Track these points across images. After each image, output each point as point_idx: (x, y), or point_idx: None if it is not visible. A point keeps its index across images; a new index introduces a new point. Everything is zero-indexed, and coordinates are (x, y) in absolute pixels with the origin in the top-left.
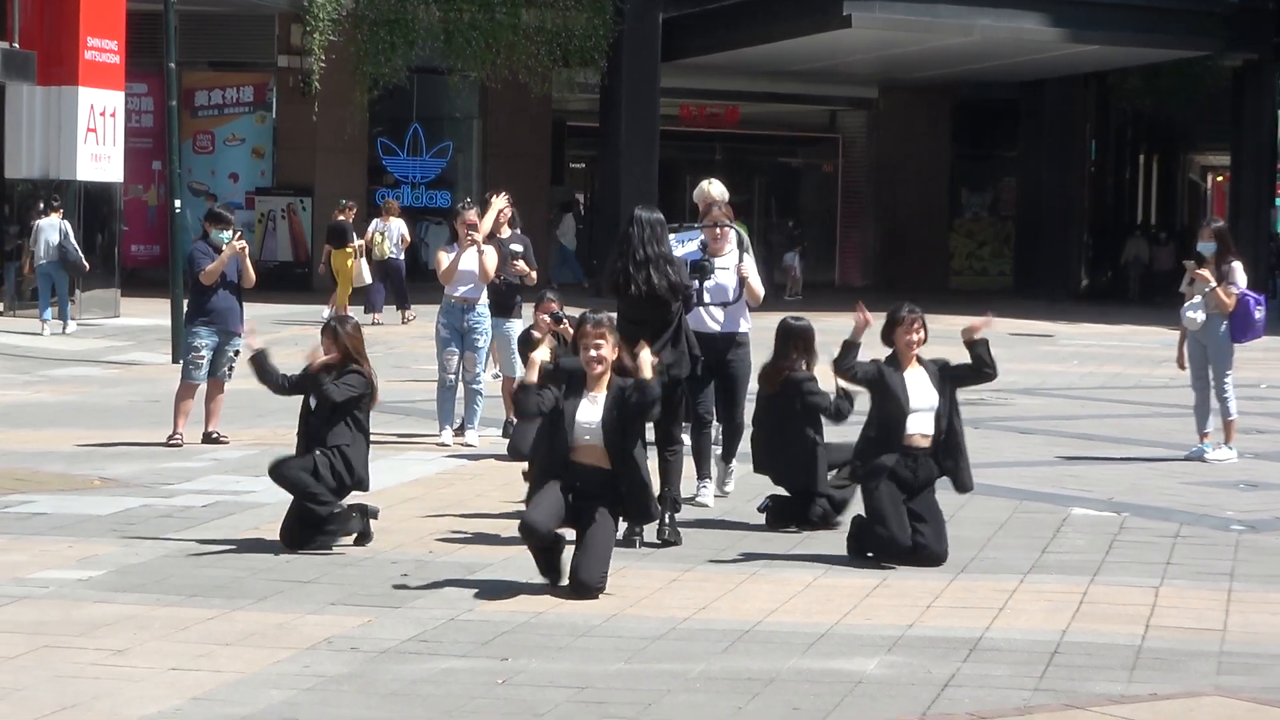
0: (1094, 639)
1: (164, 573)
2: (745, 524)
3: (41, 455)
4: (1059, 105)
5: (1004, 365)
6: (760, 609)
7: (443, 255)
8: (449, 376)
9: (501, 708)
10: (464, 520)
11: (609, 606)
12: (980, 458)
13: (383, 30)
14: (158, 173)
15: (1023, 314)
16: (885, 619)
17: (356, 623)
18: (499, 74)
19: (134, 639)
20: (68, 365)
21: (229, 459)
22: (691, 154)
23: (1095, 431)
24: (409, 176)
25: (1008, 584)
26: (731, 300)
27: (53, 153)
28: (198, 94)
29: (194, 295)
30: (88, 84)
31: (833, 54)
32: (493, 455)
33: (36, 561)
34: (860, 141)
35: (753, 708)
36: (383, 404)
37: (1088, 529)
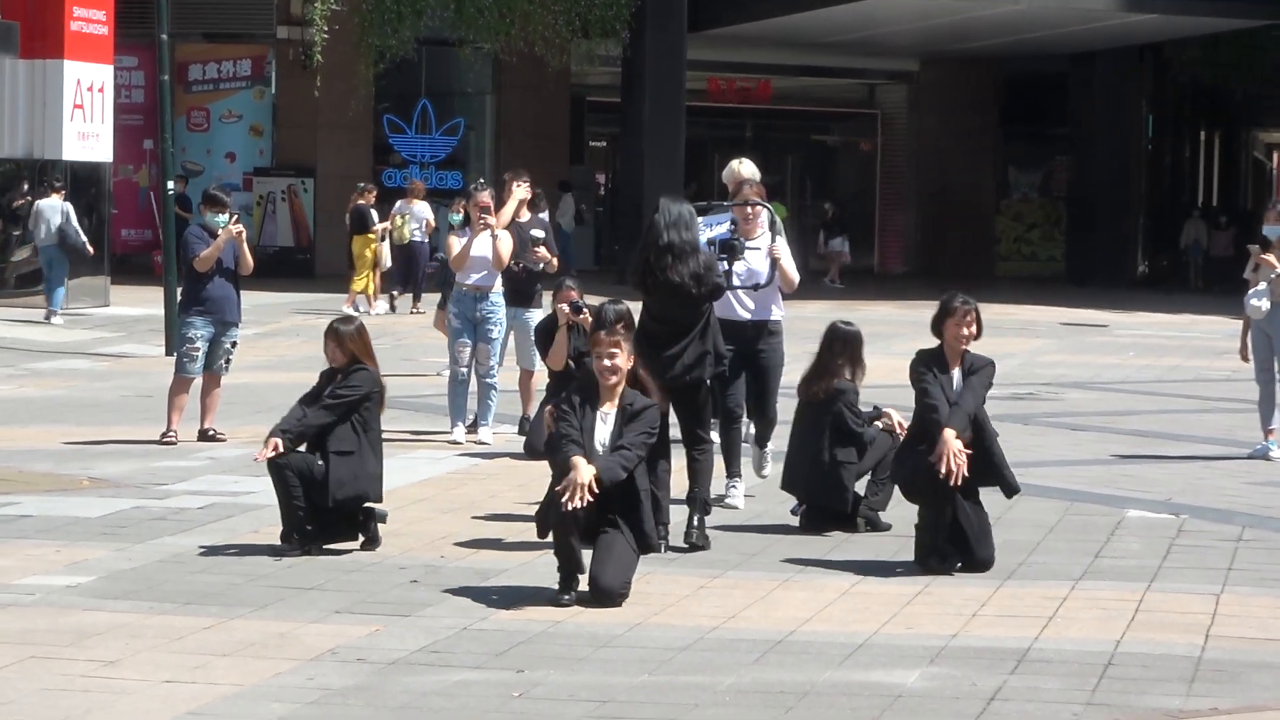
0: (1150, 649)
1: (158, 579)
2: (777, 527)
3: (27, 453)
4: (1112, 79)
5: (1055, 357)
6: (794, 617)
7: (454, 240)
8: (461, 369)
9: None
10: (477, 523)
11: (632, 615)
12: (1030, 456)
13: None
14: (149, 152)
15: (1075, 302)
16: (927, 628)
17: (363, 632)
18: (514, 46)
19: (126, 649)
20: (54, 358)
21: (226, 458)
22: (720, 131)
23: (1152, 428)
24: (417, 156)
25: (1058, 591)
26: (763, 283)
27: (37, 131)
28: (191, 68)
29: (188, 283)
30: (74, 57)
31: (870, 24)
32: (508, 454)
33: (22, 567)
34: (900, 118)
35: None
36: (391, 399)
37: (1144, 532)
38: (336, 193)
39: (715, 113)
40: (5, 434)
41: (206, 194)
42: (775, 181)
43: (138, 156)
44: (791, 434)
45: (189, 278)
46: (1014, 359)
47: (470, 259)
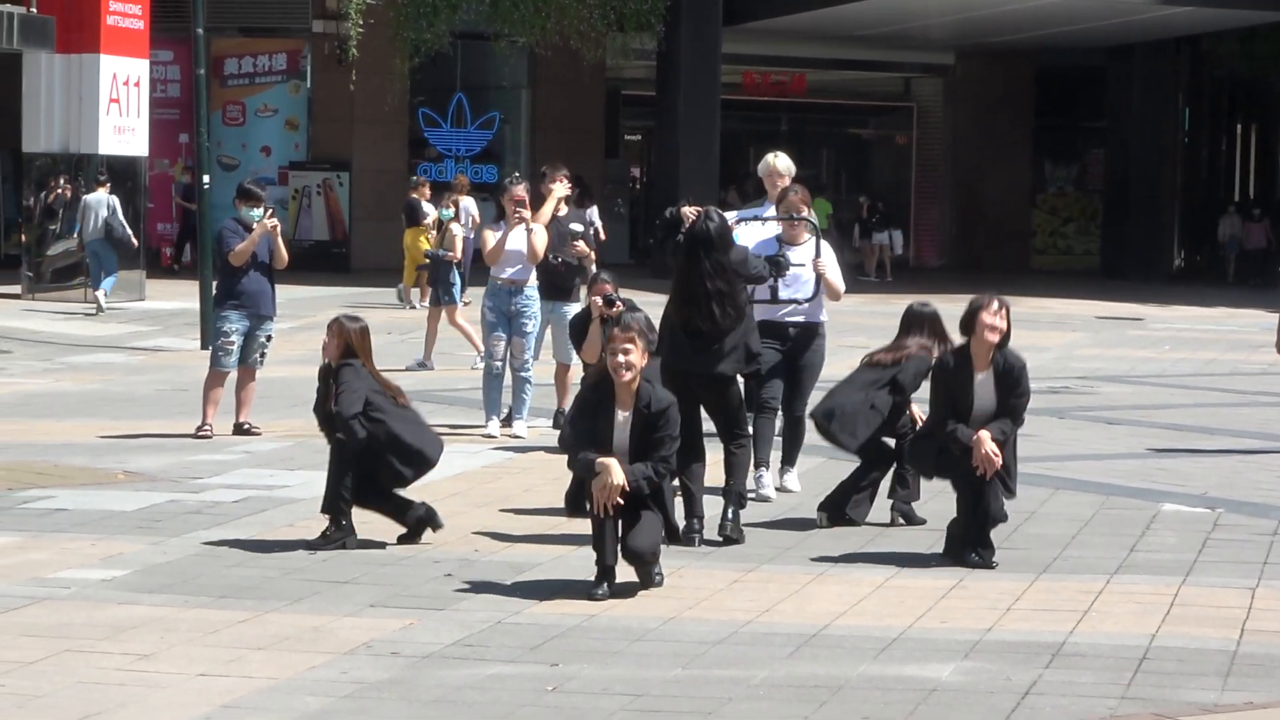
0: (1186, 644)
1: (192, 572)
2: (812, 521)
3: (63, 447)
4: (1148, 72)
5: (1090, 351)
6: (828, 611)
7: (489, 234)
8: (496, 363)
9: (551, 716)
10: (511, 517)
11: (666, 609)
12: (1064, 449)
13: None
14: (185, 146)
15: (1110, 296)
16: (962, 622)
17: (397, 626)
18: (549, 39)
19: (160, 643)
20: (90, 352)
21: (261, 451)
22: (755, 125)
23: (1187, 422)
24: (452, 150)
25: (1093, 585)
26: (810, 296)
27: (73, 125)
28: (227, 62)
29: (223, 277)
30: (110, 51)
31: (906, 17)
32: (542, 448)
33: (58, 560)
34: (936, 111)
35: (820, 717)
36: (426, 393)
37: (1179, 526)
38: (371, 186)
39: (750, 106)
40: (41, 428)
41: (241, 188)
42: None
43: (173, 151)
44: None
45: (224, 272)
46: (1049, 353)
47: (505, 253)
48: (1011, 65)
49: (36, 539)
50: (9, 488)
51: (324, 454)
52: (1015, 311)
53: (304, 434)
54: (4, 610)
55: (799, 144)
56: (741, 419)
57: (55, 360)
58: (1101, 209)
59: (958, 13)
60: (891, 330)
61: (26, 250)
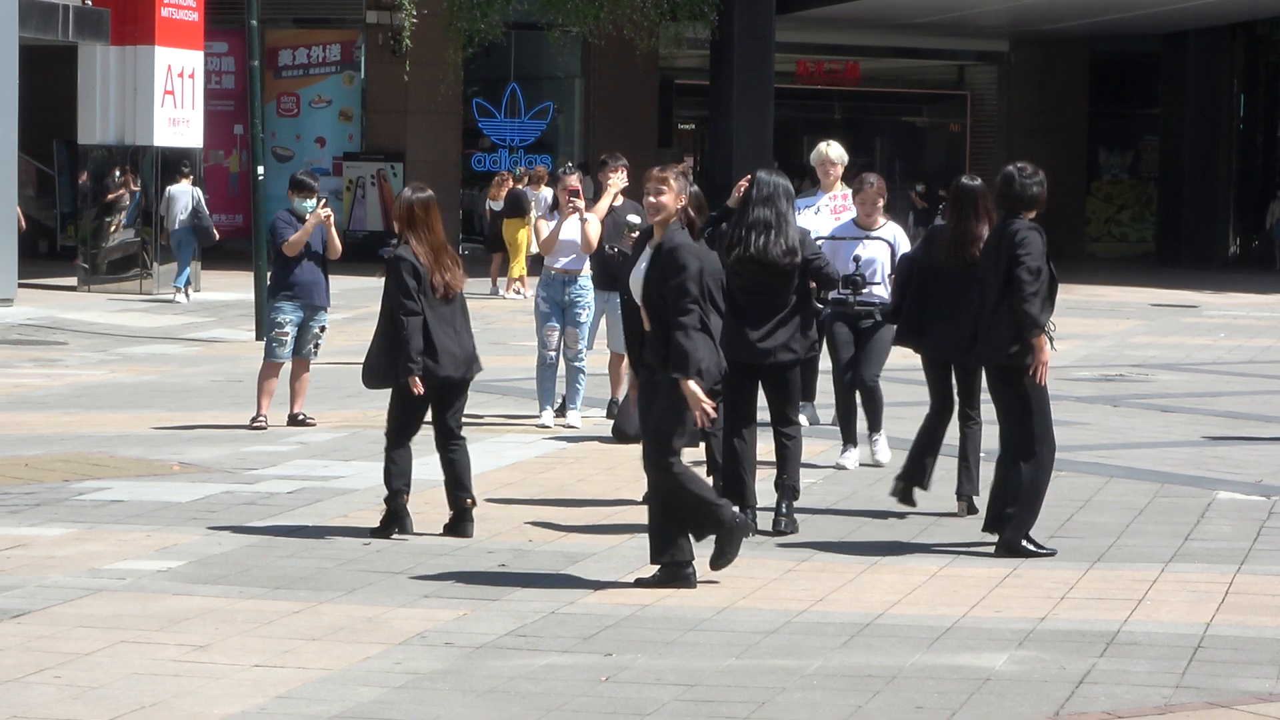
0: (1241, 632)
1: (247, 564)
2: (865, 510)
3: (118, 439)
4: (1203, 58)
5: (1145, 338)
6: (881, 600)
7: (543, 224)
8: (549, 353)
9: (605, 706)
10: (565, 507)
11: (719, 598)
12: (1120, 438)
13: None
14: (239, 137)
15: (1165, 283)
16: (1015, 611)
17: (451, 616)
18: (602, 29)
19: (216, 634)
20: (146, 343)
21: (316, 442)
22: (809, 113)
23: (1243, 409)
24: (506, 140)
25: (1148, 574)
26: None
27: (128, 117)
28: (281, 53)
29: (277, 268)
30: (165, 43)
31: (960, 4)
32: (596, 437)
33: (113, 552)
34: (990, 99)
35: (873, 706)
36: (481, 383)
37: (1234, 514)
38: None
39: (804, 95)
40: (97, 419)
41: (294, 179)
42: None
43: (228, 142)
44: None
45: (278, 263)
46: (1104, 340)
47: (559, 243)
48: (1065, 52)
49: (92, 530)
50: (65, 479)
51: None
52: (1069, 299)
53: (359, 424)
54: (61, 601)
55: (853, 132)
56: (796, 406)
57: (111, 351)
58: (1156, 196)
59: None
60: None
61: (82, 241)
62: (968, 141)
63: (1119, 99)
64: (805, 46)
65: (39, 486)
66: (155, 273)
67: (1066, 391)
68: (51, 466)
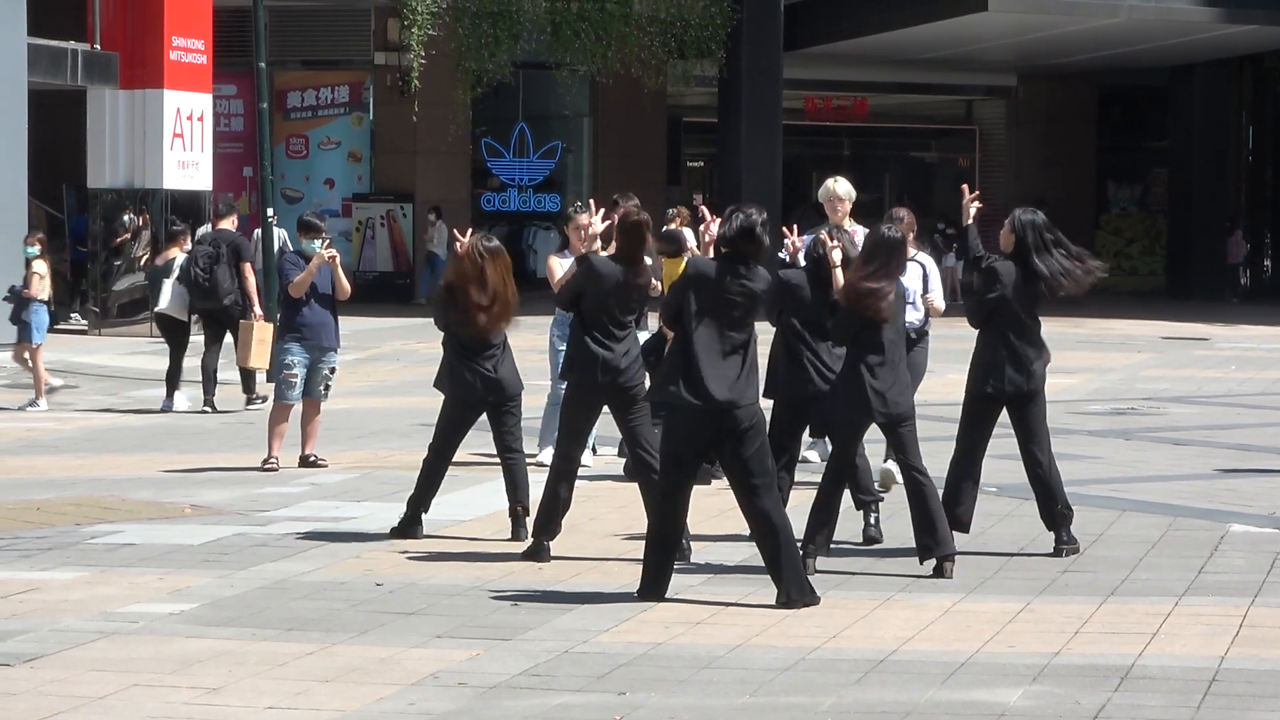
0: (1255, 665)
1: (259, 605)
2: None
3: (129, 481)
4: (1211, 91)
5: (1156, 371)
6: (895, 637)
7: (555, 262)
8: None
9: None
10: (577, 545)
11: (733, 636)
12: (1131, 471)
13: (485, 23)
14: (249, 179)
15: (1176, 316)
16: (1029, 646)
17: (464, 656)
18: (610, 68)
19: (229, 676)
20: (156, 385)
21: (327, 483)
22: (817, 149)
23: (1255, 442)
24: (515, 179)
25: (1161, 607)
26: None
27: (138, 160)
28: (290, 95)
29: (285, 309)
30: (173, 86)
31: (967, 39)
32: (609, 476)
33: (126, 595)
34: (998, 133)
35: None
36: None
37: (1247, 547)
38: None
39: (812, 131)
40: (108, 462)
41: (301, 220)
42: (873, 199)
43: (237, 184)
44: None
45: (285, 304)
46: (1114, 374)
47: None
48: (1073, 86)
49: (104, 574)
50: (76, 523)
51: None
52: (1080, 332)
53: (370, 465)
54: (73, 645)
55: (861, 168)
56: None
57: (121, 394)
58: (1166, 229)
59: (1019, 35)
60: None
61: (92, 285)
62: (976, 176)
63: (1127, 132)
64: (813, 83)
65: (51, 530)
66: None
67: (1078, 425)
68: (63, 510)
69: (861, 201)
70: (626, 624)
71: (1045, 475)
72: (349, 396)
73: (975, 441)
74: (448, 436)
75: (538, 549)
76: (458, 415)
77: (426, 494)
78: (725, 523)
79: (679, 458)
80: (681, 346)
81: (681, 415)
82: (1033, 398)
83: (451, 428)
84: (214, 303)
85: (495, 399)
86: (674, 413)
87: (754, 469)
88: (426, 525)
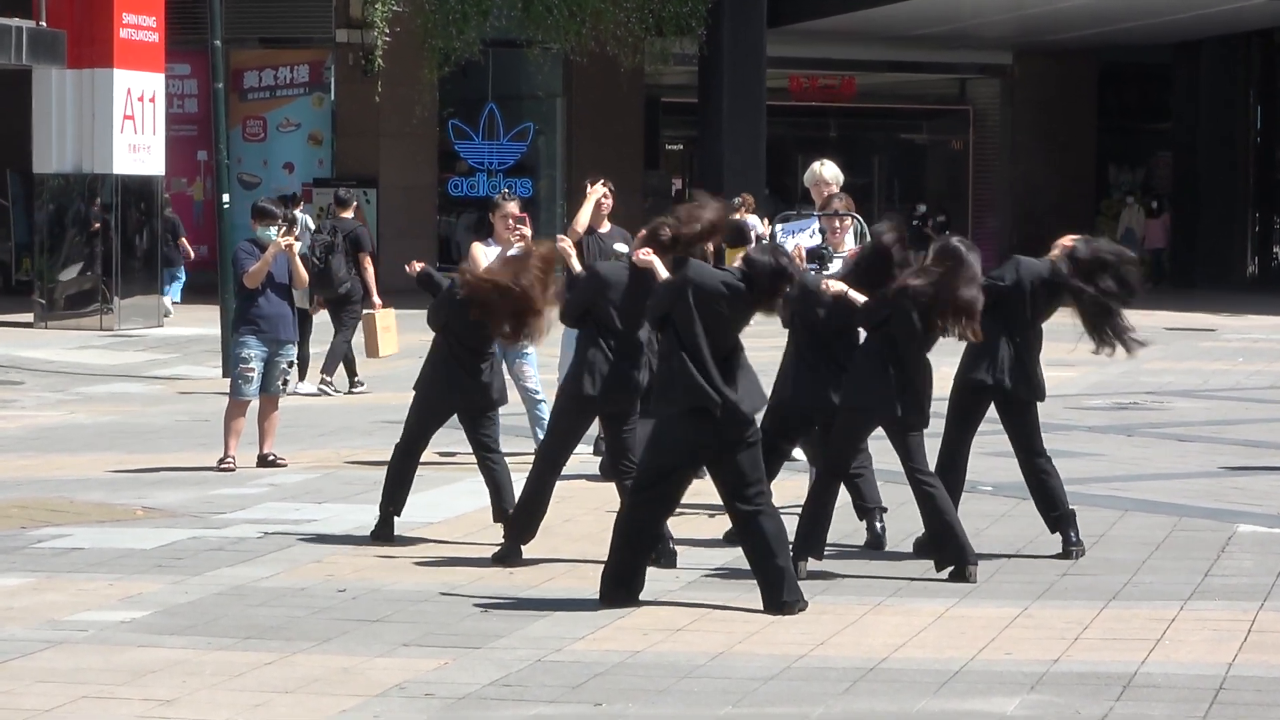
0: (1264, 673)
1: (215, 613)
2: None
3: (78, 483)
4: (1217, 69)
5: (1160, 364)
6: (885, 644)
7: (478, 250)
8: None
9: None
10: (551, 548)
11: (714, 644)
12: (1133, 469)
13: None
14: (203, 164)
15: (1181, 306)
16: (1027, 653)
17: (432, 666)
18: (584, 46)
19: (183, 687)
20: (106, 381)
21: (287, 484)
22: (803, 131)
23: (1264, 438)
24: (484, 163)
25: (1166, 612)
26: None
27: (86, 144)
28: (247, 75)
29: (240, 300)
30: (124, 66)
31: (960, 15)
32: (582, 475)
33: (74, 602)
34: (994, 114)
35: None
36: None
37: (1256, 548)
38: (400, 203)
39: (797, 112)
40: (56, 462)
41: (256, 207)
42: (862, 183)
43: (191, 169)
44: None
45: (240, 295)
46: (1116, 367)
47: None
48: (1072, 64)
49: (51, 579)
50: (22, 526)
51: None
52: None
53: (331, 465)
54: (19, 655)
55: (849, 151)
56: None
57: (69, 391)
58: (1170, 214)
59: (1015, 10)
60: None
61: (39, 275)
62: (970, 159)
63: (1129, 113)
64: (798, 61)
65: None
66: (116, 308)
67: (1078, 421)
68: (7, 513)
69: (849, 185)
70: (602, 631)
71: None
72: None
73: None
74: (419, 435)
75: (509, 552)
76: (432, 417)
77: (398, 495)
78: (706, 525)
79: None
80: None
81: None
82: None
83: (423, 427)
84: (328, 291)
85: (483, 405)
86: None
87: (750, 479)
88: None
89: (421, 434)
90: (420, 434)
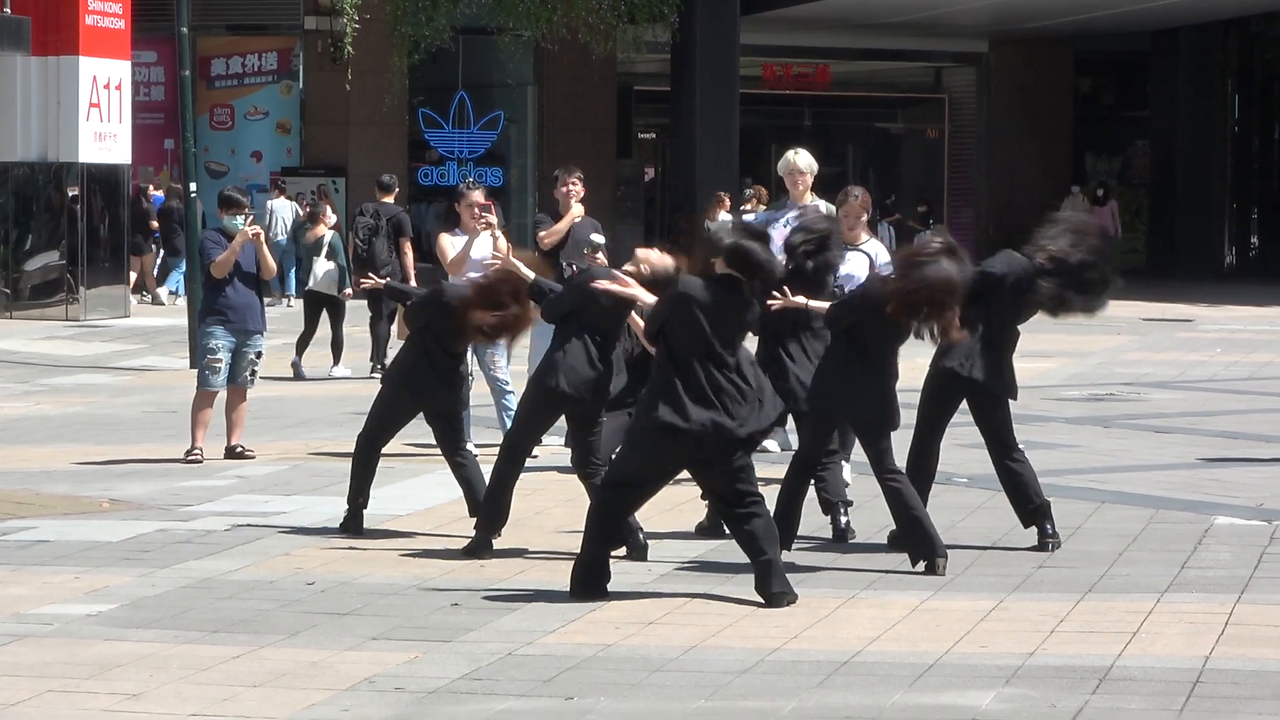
0: (1242, 666)
1: (182, 606)
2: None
3: (44, 475)
4: (1195, 57)
5: (1137, 355)
6: (859, 637)
7: (445, 240)
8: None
9: None
10: (522, 540)
11: (687, 637)
12: (1110, 460)
13: None
14: (170, 152)
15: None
16: (1002, 646)
17: (401, 659)
18: (556, 33)
19: (150, 681)
20: (72, 372)
21: (255, 476)
22: (777, 120)
23: (1241, 429)
24: (455, 152)
25: (1142, 605)
26: None
27: (51, 132)
28: (214, 62)
29: (206, 291)
30: (89, 53)
31: (935, 2)
32: (555, 467)
33: (39, 595)
34: (969, 102)
35: None
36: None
37: (1233, 540)
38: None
39: (771, 100)
40: (21, 454)
41: (222, 195)
42: (836, 172)
43: (158, 158)
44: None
45: (207, 285)
46: (1093, 358)
47: (470, 261)
48: (1048, 52)
49: (16, 572)
50: None
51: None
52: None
53: (300, 457)
54: None
55: (823, 139)
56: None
57: (34, 382)
58: (1147, 204)
59: None
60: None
61: (3, 265)
62: (945, 148)
63: (1106, 102)
64: (772, 49)
65: None
66: (82, 298)
67: (1055, 412)
68: None
69: (823, 175)
70: (574, 624)
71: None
72: (277, 383)
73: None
74: (385, 427)
75: (480, 545)
76: (396, 414)
77: (364, 486)
78: (679, 517)
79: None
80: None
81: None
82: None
83: (388, 421)
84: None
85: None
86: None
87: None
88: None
89: (384, 430)
90: (383, 430)
